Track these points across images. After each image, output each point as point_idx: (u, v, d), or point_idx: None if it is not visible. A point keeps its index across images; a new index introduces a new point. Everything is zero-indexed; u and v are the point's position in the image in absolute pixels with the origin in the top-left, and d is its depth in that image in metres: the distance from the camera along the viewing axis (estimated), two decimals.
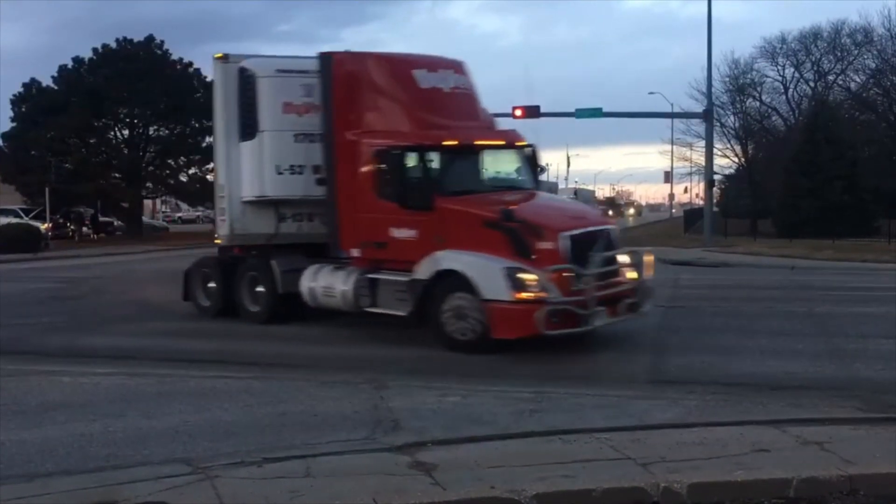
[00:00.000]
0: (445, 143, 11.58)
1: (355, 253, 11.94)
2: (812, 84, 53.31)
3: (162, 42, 47.21)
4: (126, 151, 46.58)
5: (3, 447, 6.46)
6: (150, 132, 47.46)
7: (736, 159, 55.86)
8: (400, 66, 12.09)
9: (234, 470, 5.79)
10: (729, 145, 55.03)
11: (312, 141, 12.70)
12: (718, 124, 49.00)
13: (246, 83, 12.99)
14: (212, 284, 14.15)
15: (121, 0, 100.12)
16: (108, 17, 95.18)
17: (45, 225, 38.37)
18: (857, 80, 51.85)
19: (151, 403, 7.90)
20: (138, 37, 46.88)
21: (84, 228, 45.68)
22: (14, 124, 45.76)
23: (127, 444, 6.53)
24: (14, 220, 38.96)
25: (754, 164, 53.94)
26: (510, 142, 12.56)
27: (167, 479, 5.59)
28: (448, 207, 10.97)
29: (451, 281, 10.53)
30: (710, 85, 36.48)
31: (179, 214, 78.88)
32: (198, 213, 69.63)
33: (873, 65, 49.76)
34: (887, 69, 47.75)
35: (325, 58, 12.33)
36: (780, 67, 53.50)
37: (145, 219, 54.47)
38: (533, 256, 10.28)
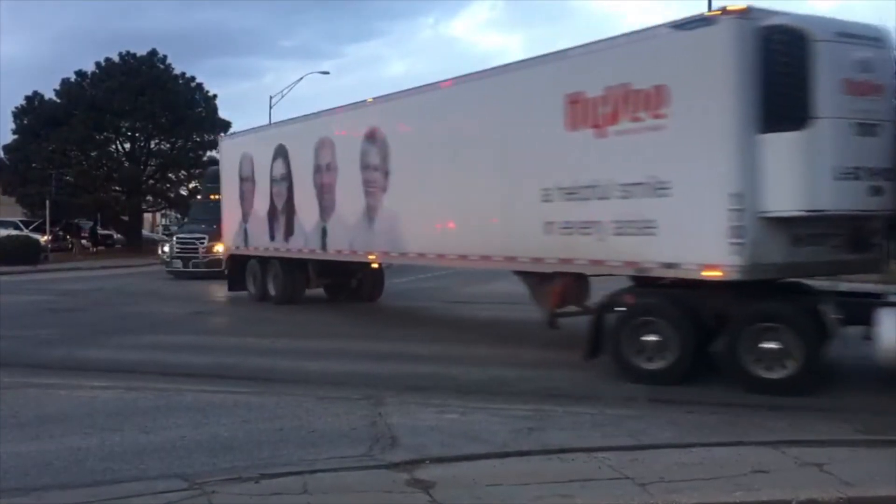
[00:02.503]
0: None
1: None
2: None
3: (164, 56, 47.56)
4: (127, 164, 46.71)
5: None
6: (152, 145, 47.69)
7: None
8: None
9: (231, 486, 5.76)
10: None
11: (871, 135, 9.25)
12: None
13: (786, 49, 9.04)
14: (654, 337, 9.80)
15: (123, 14, 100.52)
16: (110, 30, 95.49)
17: (45, 237, 38.39)
18: None
19: (148, 418, 7.88)
20: (140, 50, 47.28)
21: (83, 241, 45.73)
22: (16, 136, 45.97)
23: (124, 459, 6.51)
24: (14, 233, 38.99)
25: None
26: None
27: (163, 494, 5.57)
28: None
29: None
30: None
31: None
32: None
33: None
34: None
35: None
36: None
37: (145, 232, 54.54)
38: None
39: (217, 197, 29.00)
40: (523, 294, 17.39)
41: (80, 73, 46.40)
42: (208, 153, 46.73)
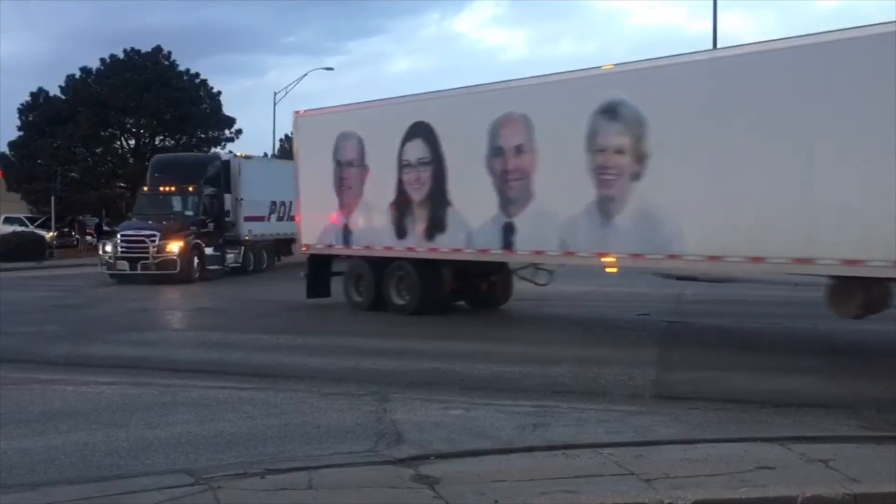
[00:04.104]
0: None
1: None
2: None
3: (169, 53, 47.67)
4: (132, 161, 46.77)
5: (5, 455, 6.45)
6: (156, 142, 47.75)
7: None
8: None
9: (237, 481, 5.77)
10: None
11: None
12: None
13: None
14: None
15: (127, 11, 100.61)
16: (114, 27, 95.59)
17: (51, 234, 38.47)
18: None
19: (154, 413, 7.90)
20: (144, 47, 47.37)
21: (88, 237, 45.83)
22: (21, 133, 46.10)
23: (129, 454, 6.52)
24: (19, 229, 39.09)
25: None
26: None
27: (169, 489, 5.57)
28: None
29: None
30: None
31: None
32: None
33: None
34: None
35: None
36: None
37: None
38: None
39: (168, 189, 25.95)
40: (524, 291, 17.41)
41: (84, 70, 46.50)
42: (213, 149, 46.83)
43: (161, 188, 26.21)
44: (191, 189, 25.60)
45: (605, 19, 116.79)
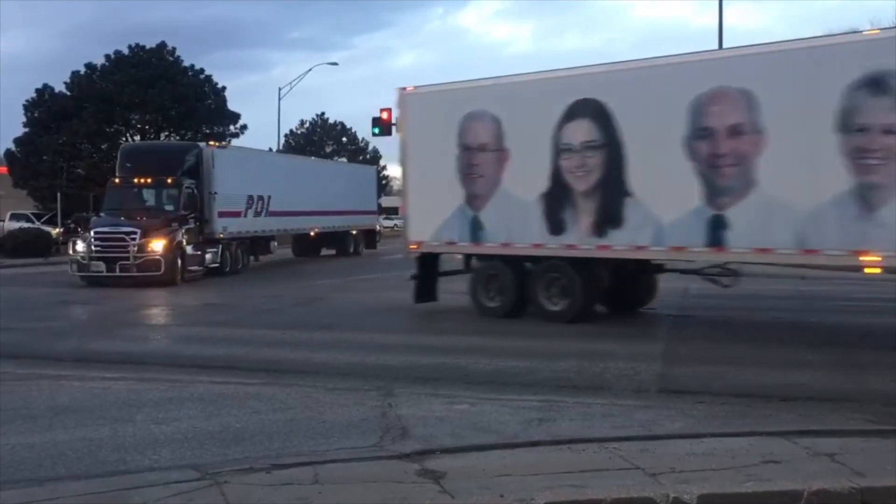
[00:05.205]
0: None
1: None
2: None
3: (174, 49, 47.73)
4: None
5: (13, 451, 6.48)
6: (161, 138, 47.83)
7: None
8: None
9: (243, 476, 5.78)
10: None
11: None
12: None
13: None
14: None
15: (131, 7, 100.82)
16: (119, 23, 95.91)
17: (57, 230, 38.59)
18: None
19: (160, 408, 7.92)
20: (149, 43, 47.42)
21: None
22: (27, 129, 46.21)
23: (136, 449, 6.54)
24: (26, 225, 39.21)
25: None
26: None
27: (175, 484, 5.59)
28: None
29: None
30: None
31: None
32: None
33: None
34: None
35: None
36: None
37: None
38: None
39: (144, 181, 23.38)
40: None
41: (89, 66, 46.61)
42: None
43: (136, 180, 23.65)
44: (169, 181, 23.20)
45: (608, 13, 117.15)
